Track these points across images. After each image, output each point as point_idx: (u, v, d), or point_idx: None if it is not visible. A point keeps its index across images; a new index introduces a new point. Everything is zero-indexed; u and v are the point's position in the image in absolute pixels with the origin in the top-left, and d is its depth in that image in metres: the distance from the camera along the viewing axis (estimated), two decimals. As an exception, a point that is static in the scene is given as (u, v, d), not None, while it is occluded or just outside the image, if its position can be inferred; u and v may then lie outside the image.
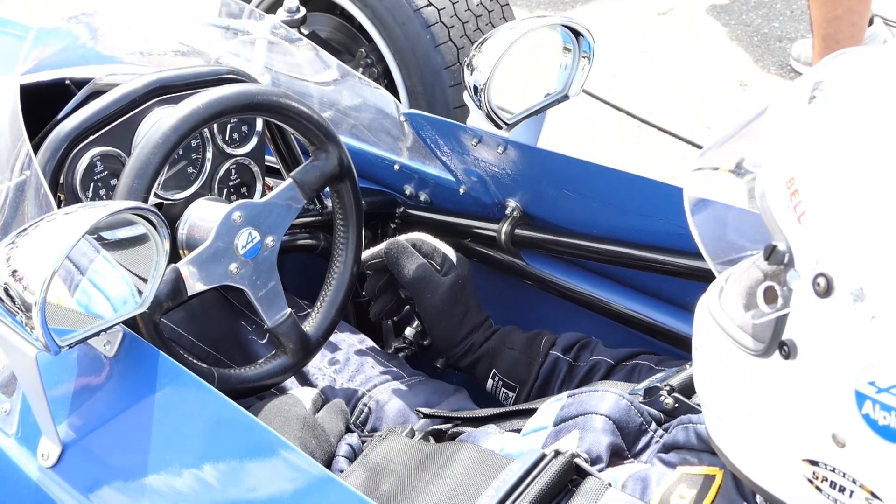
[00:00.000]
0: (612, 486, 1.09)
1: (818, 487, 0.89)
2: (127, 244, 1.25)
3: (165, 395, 1.23)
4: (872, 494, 0.85)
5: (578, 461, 1.12)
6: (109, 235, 1.25)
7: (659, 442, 1.19)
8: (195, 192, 1.60)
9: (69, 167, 1.48)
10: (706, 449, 1.09)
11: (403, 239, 1.60)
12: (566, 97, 1.75)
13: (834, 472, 0.87)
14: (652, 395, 1.23)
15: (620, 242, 1.60)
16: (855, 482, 0.86)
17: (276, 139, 1.74)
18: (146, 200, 1.36)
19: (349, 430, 1.46)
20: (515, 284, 1.79)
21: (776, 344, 0.88)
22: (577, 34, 1.70)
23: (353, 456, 1.36)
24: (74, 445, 1.26)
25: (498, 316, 1.62)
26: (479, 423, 1.38)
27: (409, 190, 1.87)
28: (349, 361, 1.63)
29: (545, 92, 1.75)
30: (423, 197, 1.87)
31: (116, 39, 1.82)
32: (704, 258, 1.01)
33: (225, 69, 1.64)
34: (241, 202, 1.46)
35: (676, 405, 1.21)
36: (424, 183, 1.85)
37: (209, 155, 1.63)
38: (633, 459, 1.19)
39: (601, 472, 1.14)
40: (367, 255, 1.64)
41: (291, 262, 1.79)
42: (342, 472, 1.31)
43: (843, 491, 0.87)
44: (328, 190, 1.58)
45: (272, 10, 2.53)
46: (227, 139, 1.65)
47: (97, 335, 1.20)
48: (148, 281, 1.22)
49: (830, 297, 0.83)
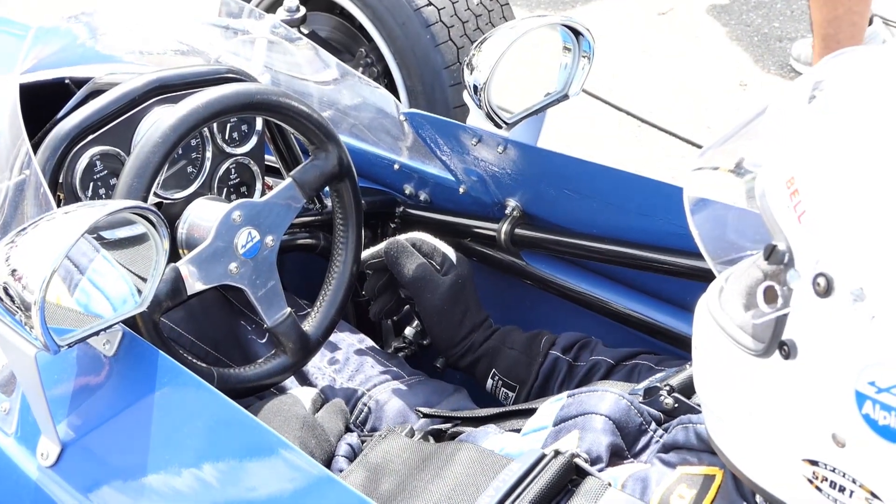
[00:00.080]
0: (611, 486, 1.09)
1: (818, 487, 0.89)
2: (126, 243, 1.25)
3: (165, 394, 1.23)
4: (872, 494, 0.85)
5: (578, 461, 1.12)
6: (109, 235, 1.25)
7: (659, 442, 1.19)
8: (195, 191, 1.60)
9: (69, 166, 1.47)
10: (706, 449, 1.09)
11: (403, 238, 1.60)
12: (566, 97, 1.75)
13: (834, 472, 0.87)
14: (652, 395, 1.23)
15: (620, 242, 1.60)
16: (855, 482, 0.86)
17: (275, 138, 1.74)
18: (146, 200, 1.36)
19: (349, 429, 1.46)
20: (515, 284, 1.79)
21: (776, 344, 0.88)
22: (577, 34, 1.70)
23: (352, 455, 1.36)
24: (74, 445, 1.26)
25: (498, 316, 1.62)
26: (478, 422, 1.38)
27: (408, 189, 1.87)
28: (349, 361, 1.63)
29: (545, 91, 1.75)
30: (422, 196, 1.86)
31: (116, 39, 1.82)
32: (704, 258, 1.01)
33: (225, 68, 1.64)
34: (240, 201, 1.46)
35: (676, 405, 1.21)
36: (424, 182, 1.85)
37: (209, 154, 1.62)
38: (632, 459, 1.19)
39: (601, 472, 1.14)
40: (366, 254, 1.63)
41: (291, 261, 1.79)
42: (342, 471, 1.31)
43: (843, 491, 0.87)
44: (328, 189, 1.58)
45: (272, 9, 2.52)
46: (226, 138, 1.65)
47: (97, 334, 1.20)
48: (147, 280, 1.22)
49: (830, 296, 0.83)
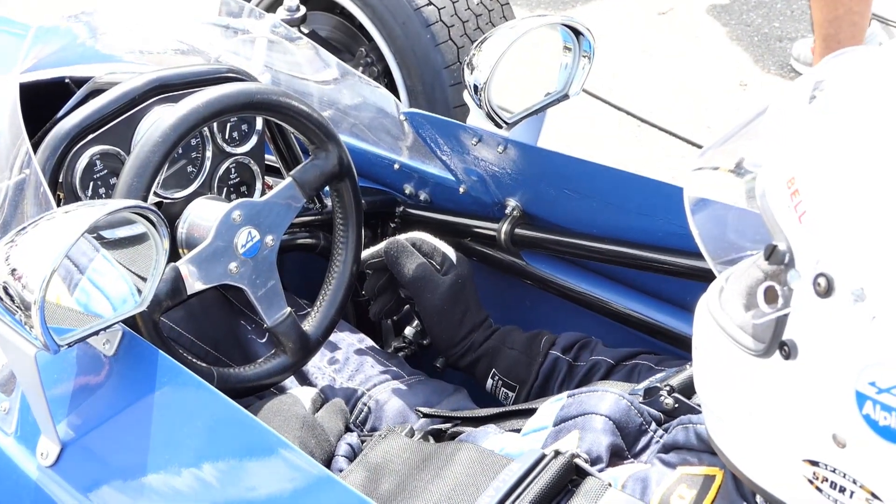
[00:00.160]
0: (611, 486, 1.09)
1: (818, 488, 0.89)
2: (126, 243, 1.25)
3: (165, 394, 1.23)
4: (873, 495, 0.85)
5: (578, 461, 1.12)
6: (109, 234, 1.25)
7: (659, 442, 1.19)
8: (195, 190, 1.60)
9: (69, 166, 1.47)
10: (706, 449, 1.09)
11: (403, 238, 1.60)
12: (566, 96, 1.75)
13: (834, 472, 0.87)
14: (652, 395, 1.23)
15: (620, 242, 1.59)
16: (855, 482, 0.86)
17: (275, 138, 1.74)
18: (146, 199, 1.35)
19: (349, 429, 1.46)
20: (515, 284, 1.79)
21: (776, 344, 0.88)
22: (577, 33, 1.70)
23: (352, 455, 1.36)
24: (74, 444, 1.26)
25: (498, 315, 1.62)
26: (478, 422, 1.38)
27: (408, 189, 1.87)
28: (349, 361, 1.63)
29: (545, 91, 1.75)
30: (422, 196, 1.86)
31: (116, 38, 1.82)
32: (704, 258, 1.01)
33: (225, 68, 1.64)
34: (240, 201, 1.46)
35: (676, 405, 1.21)
36: (424, 182, 1.85)
37: (209, 154, 1.62)
38: (633, 459, 1.19)
39: (601, 472, 1.14)
40: (366, 254, 1.63)
41: (291, 261, 1.79)
42: (341, 471, 1.31)
43: (843, 491, 0.87)
44: (328, 189, 1.58)
45: (272, 8, 2.53)
46: (226, 138, 1.65)
47: (96, 334, 1.20)
48: (147, 280, 1.22)
49: (831, 297, 0.83)
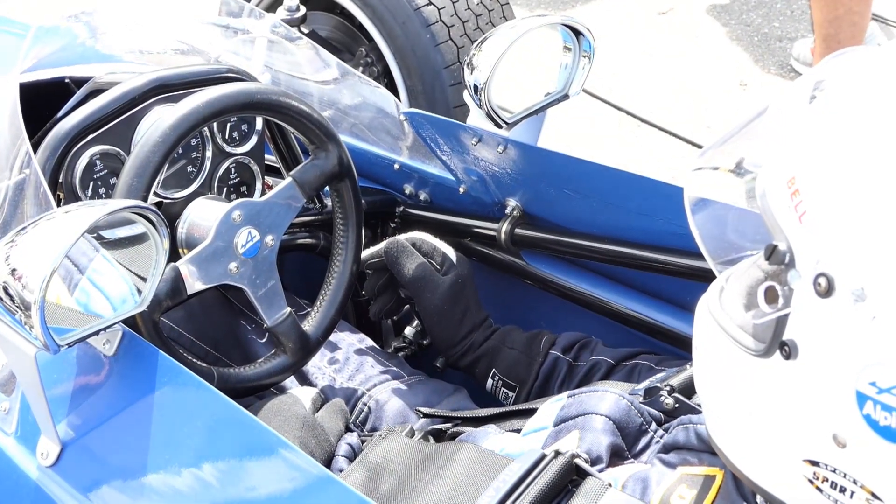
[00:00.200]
0: (612, 486, 1.09)
1: (819, 488, 0.89)
2: (126, 243, 1.25)
3: (165, 394, 1.23)
4: (873, 495, 0.85)
5: (578, 461, 1.12)
6: (109, 234, 1.25)
7: (659, 442, 1.19)
8: (195, 190, 1.60)
9: (69, 166, 1.47)
10: (706, 449, 1.09)
11: (403, 238, 1.60)
12: (566, 96, 1.75)
13: (835, 472, 0.87)
14: (652, 395, 1.23)
15: (620, 242, 1.59)
16: (856, 483, 0.86)
17: (275, 138, 1.74)
18: (146, 199, 1.35)
19: (349, 429, 1.46)
20: (515, 284, 1.79)
21: (777, 344, 0.88)
22: (577, 33, 1.70)
23: (352, 455, 1.36)
24: (74, 444, 1.26)
25: (498, 315, 1.62)
26: (478, 422, 1.38)
27: (408, 189, 1.87)
28: (349, 361, 1.63)
29: (545, 91, 1.75)
30: (422, 196, 1.86)
31: (116, 38, 1.82)
32: (705, 258, 1.01)
33: (225, 68, 1.64)
34: (240, 201, 1.46)
35: (677, 405, 1.21)
36: (424, 182, 1.85)
37: (209, 154, 1.62)
38: (633, 460, 1.19)
39: (601, 472, 1.14)
40: (366, 254, 1.63)
41: (291, 261, 1.79)
42: (342, 471, 1.31)
43: (843, 491, 0.87)
44: (328, 189, 1.58)
45: (272, 8, 2.53)
46: (226, 138, 1.65)
47: (96, 334, 1.20)
48: (147, 280, 1.22)
49: (831, 297, 0.83)
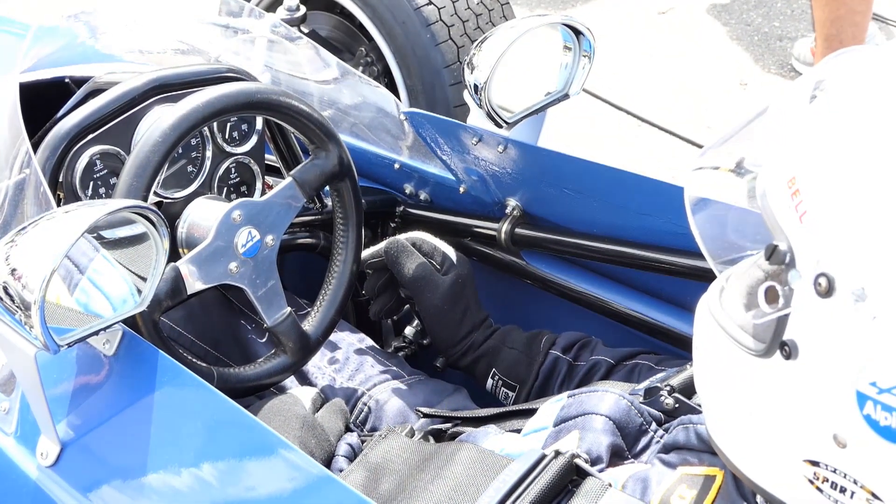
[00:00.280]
0: (612, 486, 1.08)
1: (819, 488, 0.88)
2: (126, 243, 1.25)
3: (165, 394, 1.23)
4: (873, 495, 0.85)
5: (578, 461, 1.12)
6: (109, 234, 1.25)
7: (659, 442, 1.19)
8: (195, 190, 1.60)
9: (69, 165, 1.47)
10: (706, 449, 1.09)
11: (403, 238, 1.60)
12: (566, 96, 1.75)
13: (835, 472, 0.87)
14: (652, 395, 1.23)
15: (621, 242, 1.59)
16: (856, 483, 0.86)
17: (275, 138, 1.74)
18: (146, 199, 1.35)
19: (349, 429, 1.46)
20: (515, 284, 1.78)
21: (777, 344, 0.88)
22: (577, 33, 1.70)
23: (352, 455, 1.36)
24: (73, 444, 1.26)
25: (498, 315, 1.62)
26: (478, 422, 1.38)
27: (409, 189, 1.87)
28: (349, 361, 1.63)
29: (545, 91, 1.75)
30: (423, 196, 1.86)
31: (116, 38, 1.82)
32: (705, 258, 1.01)
33: (225, 67, 1.64)
34: (240, 201, 1.46)
35: (677, 405, 1.21)
36: (424, 182, 1.85)
37: (209, 153, 1.62)
38: (633, 460, 1.19)
39: (601, 472, 1.13)
40: (366, 254, 1.63)
41: (291, 260, 1.79)
42: (342, 471, 1.31)
43: (843, 492, 0.87)
44: (328, 189, 1.58)
45: (272, 8, 2.53)
46: (226, 138, 1.65)
47: (96, 334, 1.20)
48: (147, 280, 1.22)
49: (832, 297, 0.83)
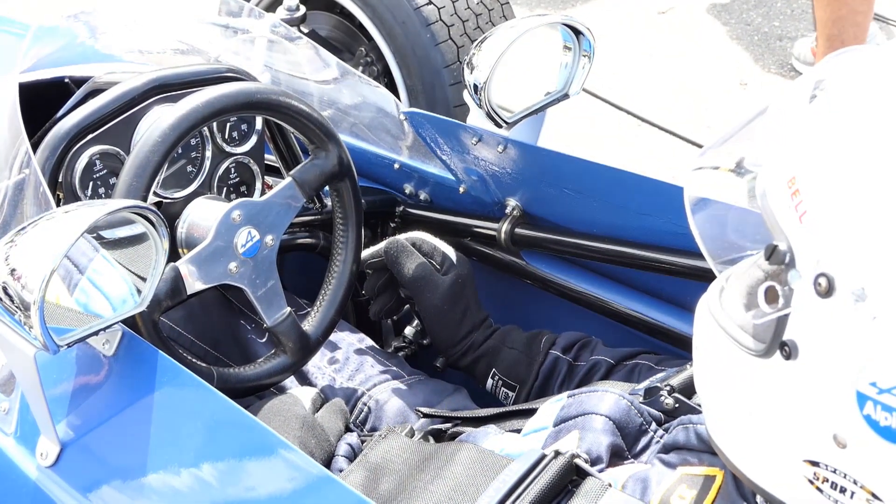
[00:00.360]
0: (612, 486, 1.08)
1: (819, 488, 0.88)
2: (126, 243, 1.25)
3: (164, 394, 1.23)
4: (873, 495, 0.85)
5: (578, 461, 1.12)
6: (108, 234, 1.25)
7: (659, 442, 1.19)
8: (194, 190, 1.60)
9: (68, 165, 1.47)
10: (706, 449, 1.09)
11: (403, 238, 1.60)
12: (566, 96, 1.75)
13: (835, 472, 0.87)
14: (652, 395, 1.23)
15: (621, 242, 1.59)
16: (856, 483, 0.86)
17: (275, 138, 1.74)
18: (145, 199, 1.35)
19: (349, 429, 1.46)
20: (515, 284, 1.78)
21: (777, 344, 0.87)
22: (577, 33, 1.70)
23: (352, 455, 1.36)
24: (73, 445, 1.26)
25: (498, 315, 1.62)
26: (478, 422, 1.37)
27: (408, 189, 1.87)
28: (349, 361, 1.63)
29: (545, 91, 1.75)
30: (422, 196, 1.86)
31: (116, 37, 1.82)
32: (705, 258, 1.01)
33: (224, 67, 1.64)
34: (240, 201, 1.46)
35: (677, 405, 1.21)
36: (424, 182, 1.85)
37: (208, 153, 1.62)
38: (633, 460, 1.18)
39: (601, 472, 1.13)
40: (366, 253, 1.63)
41: (291, 260, 1.79)
42: (341, 471, 1.31)
43: (843, 492, 0.87)
44: (328, 189, 1.58)
45: (272, 8, 2.53)
46: (226, 138, 1.65)
47: (96, 334, 1.20)
48: (147, 280, 1.22)
49: (832, 297, 0.83)
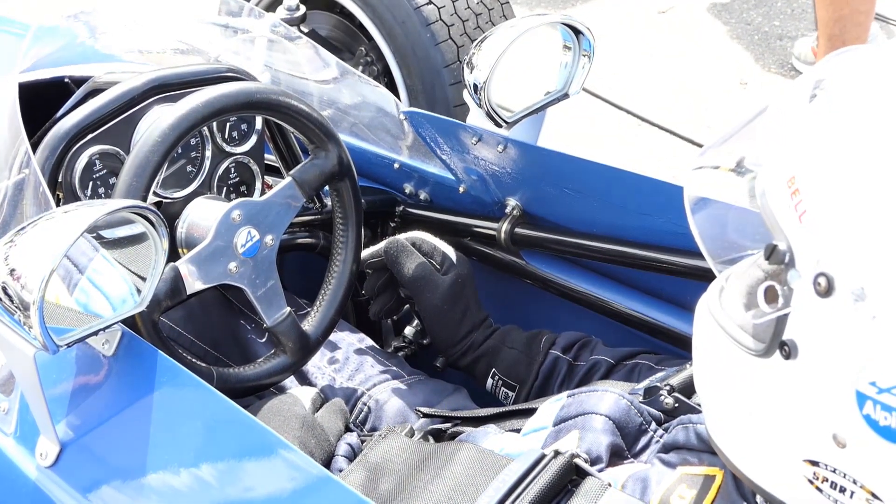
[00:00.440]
0: (611, 486, 1.08)
1: (818, 488, 0.88)
2: (126, 243, 1.25)
3: (164, 394, 1.23)
4: (873, 495, 0.85)
5: (578, 461, 1.12)
6: (108, 234, 1.25)
7: (659, 442, 1.19)
8: (194, 190, 1.60)
9: (68, 165, 1.47)
10: (706, 449, 1.09)
11: (403, 238, 1.60)
12: (566, 95, 1.75)
13: (834, 472, 0.87)
14: (652, 394, 1.23)
15: (620, 241, 1.59)
16: (856, 483, 0.86)
17: (275, 137, 1.74)
18: (145, 199, 1.35)
19: (348, 429, 1.46)
20: (515, 283, 1.78)
21: (777, 344, 0.87)
22: (577, 32, 1.70)
23: (352, 455, 1.36)
24: (73, 445, 1.26)
25: (497, 315, 1.62)
26: (478, 422, 1.37)
27: (408, 188, 1.87)
28: (348, 360, 1.63)
29: (545, 90, 1.74)
30: (422, 195, 1.86)
31: (116, 37, 1.82)
32: (705, 257, 1.01)
33: (224, 67, 1.64)
34: (240, 201, 1.46)
35: (676, 405, 1.21)
36: (424, 181, 1.85)
37: (208, 153, 1.62)
38: (632, 459, 1.18)
39: (601, 472, 1.13)
40: (366, 253, 1.63)
41: (291, 260, 1.78)
42: (341, 471, 1.31)
43: (843, 491, 0.87)
44: (328, 188, 1.58)
45: (272, 8, 2.53)
46: (226, 137, 1.65)
47: (96, 334, 1.20)
48: (147, 280, 1.22)
49: (831, 296, 0.83)
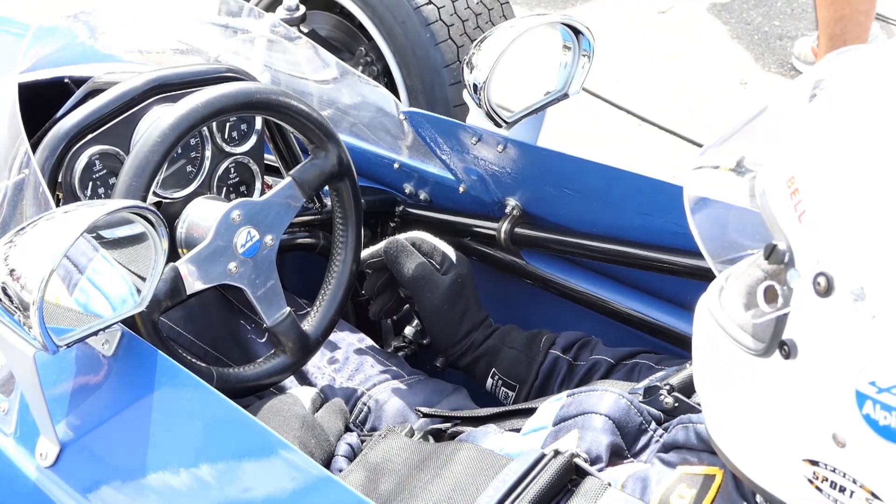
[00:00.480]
0: (611, 485, 1.08)
1: (818, 488, 0.88)
2: (125, 243, 1.25)
3: (164, 394, 1.23)
4: (873, 495, 0.85)
5: (578, 461, 1.12)
6: (108, 234, 1.25)
7: (659, 441, 1.19)
8: (194, 190, 1.60)
9: (68, 166, 1.47)
10: (706, 448, 1.09)
11: (403, 238, 1.60)
12: (566, 95, 1.75)
13: (834, 472, 0.87)
14: (652, 394, 1.23)
15: (620, 241, 1.59)
16: (855, 482, 0.86)
17: (275, 137, 1.74)
18: (145, 199, 1.35)
19: (348, 429, 1.46)
20: (515, 283, 1.78)
21: (776, 343, 0.88)
22: (577, 32, 1.70)
23: (352, 455, 1.36)
24: (73, 445, 1.26)
25: (497, 315, 1.62)
26: (478, 422, 1.37)
27: (408, 188, 1.87)
28: (348, 360, 1.63)
29: (545, 90, 1.74)
30: (422, 195, 1.86)
31: (115, 37, 1.82)
32: (704, 257, 1.01)
33: (224, 67, 1.64)
34: (239, 201, 1.46)
35: (676, 404, 1.21)
36: (424, 181, 1.85)
37: (208, 153, 1.62)
38: (632, 459, 1.18)
39: (601, 471, 1.13)
40: (366, 253, 1.63)
41: (291, 260, 1.79)
42: (341, 471, 1.31)
43: (843, 491, 0.87)
44: (327, 188, 1.58)
45: (272, 8, 2.53)
46: (226, 137, 1.65)
47: (95, 334, 1.20)
48: (146, 280, 1.22)
49: (831, 296, 0.83)
